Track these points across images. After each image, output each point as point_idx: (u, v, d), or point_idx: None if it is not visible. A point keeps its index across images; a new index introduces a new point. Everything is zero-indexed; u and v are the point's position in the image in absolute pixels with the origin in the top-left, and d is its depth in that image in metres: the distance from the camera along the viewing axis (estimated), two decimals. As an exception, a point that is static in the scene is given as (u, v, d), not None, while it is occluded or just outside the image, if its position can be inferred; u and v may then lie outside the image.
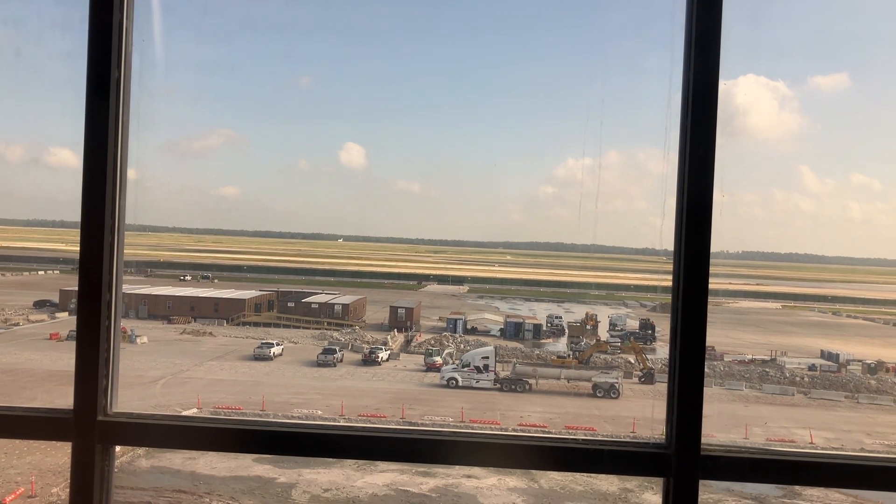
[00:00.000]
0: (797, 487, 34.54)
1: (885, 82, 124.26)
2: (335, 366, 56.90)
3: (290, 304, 75.64)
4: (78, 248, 3.59)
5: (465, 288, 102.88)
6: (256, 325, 71.06)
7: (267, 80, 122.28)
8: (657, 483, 3.55)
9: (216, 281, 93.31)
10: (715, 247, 3.42)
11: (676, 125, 3.49)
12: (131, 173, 3.74)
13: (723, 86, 3.41)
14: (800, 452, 3.50)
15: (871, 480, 3.50)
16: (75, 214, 3.60)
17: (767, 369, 59.21)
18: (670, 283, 3.49)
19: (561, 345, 68.23)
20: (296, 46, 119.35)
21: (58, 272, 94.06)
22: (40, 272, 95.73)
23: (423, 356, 59.63)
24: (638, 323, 73.47)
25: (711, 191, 3.42)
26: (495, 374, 53.69)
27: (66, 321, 64.34)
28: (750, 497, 34.31)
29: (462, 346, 63.30)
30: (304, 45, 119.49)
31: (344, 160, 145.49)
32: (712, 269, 3.42)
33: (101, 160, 3.52)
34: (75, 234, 3.62)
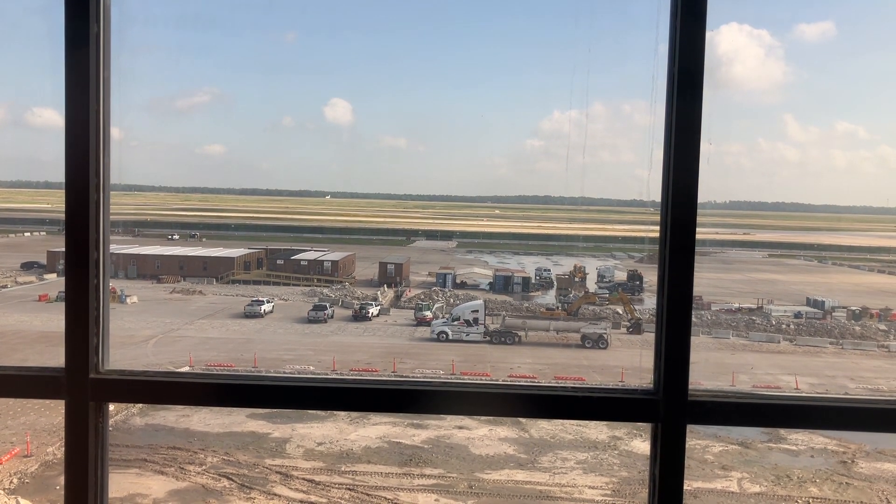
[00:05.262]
0: (782, 431, 35.27)
1: (870, 30, 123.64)
2: (326, 322, 57.17)
3: (279, 262, 75.62)
4: (63, 208, 3.56)
5: (453, 243, 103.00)
6: (246, 282, 71.07)
7: (249, 33, 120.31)
8: (645, 431, 3.61)
9: (204, 239, 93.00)
10: (702, 197, 3.43)
11: (663, 75, 3.47)
12: (115, 132, 3.70)
13: (707, 34, 3.38)
14: (785, 396, 3.57)
15: (854, 422, 3.57)
16: (60, 175, 3.56)
17: (754, 317, 59.92)
18: (658, 234, 3.51)
19: (550, 297, 68.70)
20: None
21: (44, 233, 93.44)
22: (26, 234, 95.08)
23: (413, 311, 59.96)
24: (626, 274, 73.94)
25: (699, 141, 3.41)
26: (485, 327, 54.10)
27: (55, 282, 64.13)
28: (736, 442, 35.01)
29: (452, 300, 63.63)
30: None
31: (330, 116, 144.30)
32: (699, 220, 3.43)
33: (84, 116, 3.47)
34: (60, 195, 3.59)
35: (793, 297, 66.68)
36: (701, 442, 34.35)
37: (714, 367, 46.91)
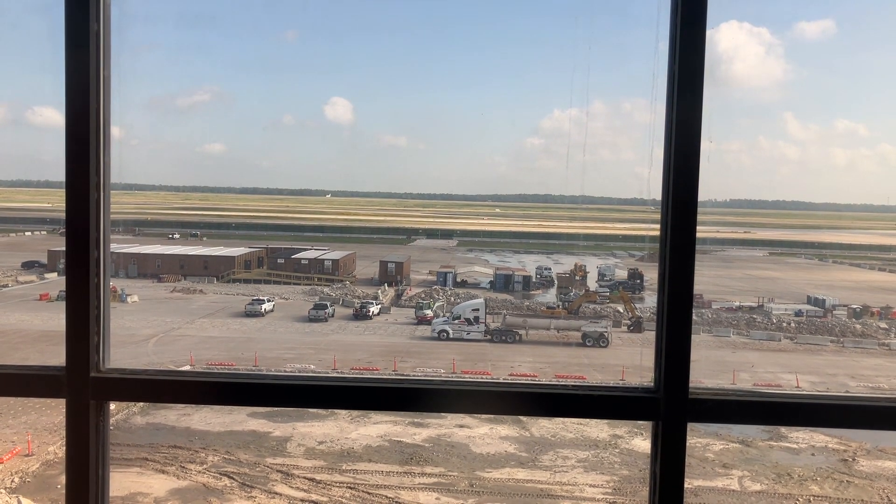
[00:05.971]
0: (783, 430, 35.26)
1: (870, 28, 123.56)
2: (326, 321, 57.14)
3: (279, 261, 75.60)
4: (64, 207, 3.56)
5: (454, 241, 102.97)
6: (247, 281, 71.05)
7: (249, 32, 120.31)
8: (646, 429, 3.62)
9: (204, 238, 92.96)
10: (702, 195, 3.43)
11: (663, 73, 3.46)
12: (115, 131, 3.70)
13: (707, 32, 3.37)
14: (785, 394, 3.57)
15: (855, 421, 3.57)
16: (60, 174, 3.56)
17: (755, 315, 59.89)
18: (658, 233, 3.50)
19: (550, 296, 68.67)
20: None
21: (44, 233, 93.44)
22: (27, 233, 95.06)
23: (413, 310, 59.93)
24: (626, 272, 73.92)
25: (699, 139, 3.41)
26: (486, 325, 54.08)
27: (56, 281, 64.14)
28: (737, 440, 35.01)
29: (452, 298, 63.61)
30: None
31: (330, 115, 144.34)
32: (700, 218, 3.43)
33: (84, 115, 3.47)
34: (61, 194, 3.59)
35: (793, 296, 66.66)
36: (702, 440, 34.35)
37: (715, 365, 46.89)
